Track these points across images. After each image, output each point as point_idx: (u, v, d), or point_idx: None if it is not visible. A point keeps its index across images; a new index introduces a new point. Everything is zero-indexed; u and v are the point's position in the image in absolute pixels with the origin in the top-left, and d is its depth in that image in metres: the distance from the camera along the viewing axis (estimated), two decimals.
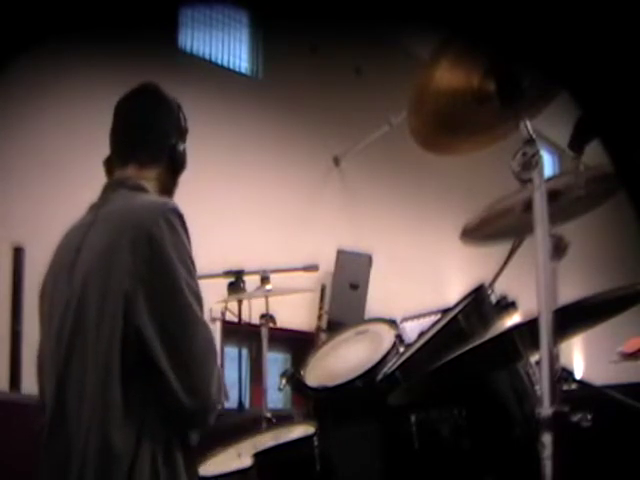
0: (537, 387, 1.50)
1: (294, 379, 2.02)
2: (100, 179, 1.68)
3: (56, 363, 1.46)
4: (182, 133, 1.69)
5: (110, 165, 1.66)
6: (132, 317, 1.39)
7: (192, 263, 1.47)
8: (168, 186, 1.67)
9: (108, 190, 1.60)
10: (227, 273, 3.39)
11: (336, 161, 6.33)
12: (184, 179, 1.76)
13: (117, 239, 1.44)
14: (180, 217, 1.47)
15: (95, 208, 1.58)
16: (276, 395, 4.10)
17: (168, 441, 1.42)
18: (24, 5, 1.11)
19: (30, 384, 1.70)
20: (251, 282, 3.47)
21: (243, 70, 6.05)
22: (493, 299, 1.72)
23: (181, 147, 1.67)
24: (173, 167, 1.67)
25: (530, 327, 1.30)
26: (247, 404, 3.77)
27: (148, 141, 1.64)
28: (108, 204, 1.56)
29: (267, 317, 3.35)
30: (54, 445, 1.43)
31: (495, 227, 1.89)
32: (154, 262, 1.41)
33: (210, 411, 1.44)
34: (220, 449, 2.25)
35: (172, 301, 1.42)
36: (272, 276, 3.37)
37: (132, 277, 1.40)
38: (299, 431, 2.09)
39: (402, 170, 6.50)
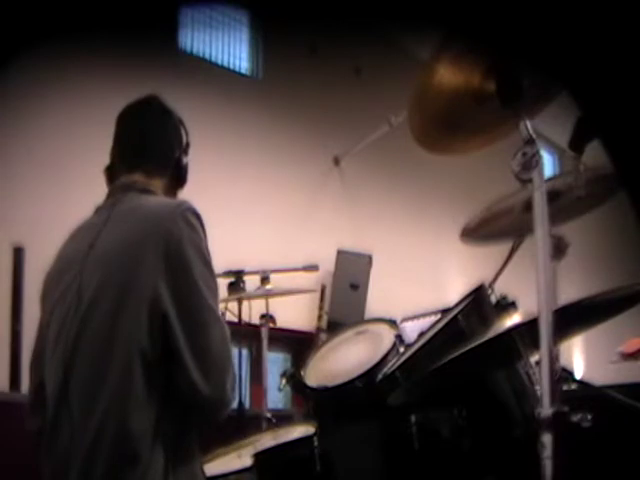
0: (537, 387, 1.50)
1: (294, 379, 2.02)
2: (100, 180, 1.68)
3: (61, 354, 1.46)
4: (185, 148, 1.71)
5: (111, 173, 1.67)
6: (158, 305, 1.41)
7: (210, 259, 1.50)
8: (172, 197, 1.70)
9: (117, 192, 1.61)
10: (227, 273, 3.39)
11: (336, 161, 6.32)
12: None
13: (138, 236, 1.47)
14: (197, 216, 1.51)
15: (107, 208, 1.59)
16: (276, 395, 4.11)
17: (185, 435, 1.45)
18: (24, 5, 1.11)
19: None
20: (251, 282, 3.47)
21: (243, 70, 6.05)
22: (493, 299, 1.72)
23: (184, 161, 1.70)
24: (176, 180, 1.70)
25: (530, 327, 1.30)
26: (247, 404, 3.77)
27: (155, 151, 1.66)
28: (121, 204, 1.57)
29: (267, 317, 3.36)
30: (58, 437, 1.43)
31: (495, 227, 1.89)
32: (175, 259, 1.44)
33: (225, 403, 1.46)
34: (220, 449, 2.24)
35: (191, 296, 1.44)
36: (272, 276, 3.37)
37: (155, 272, 1.42)
38: (299, 431, 2.09)
39: (402, 170, 6.50)
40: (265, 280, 3.36)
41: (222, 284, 3.42)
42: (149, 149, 1.66)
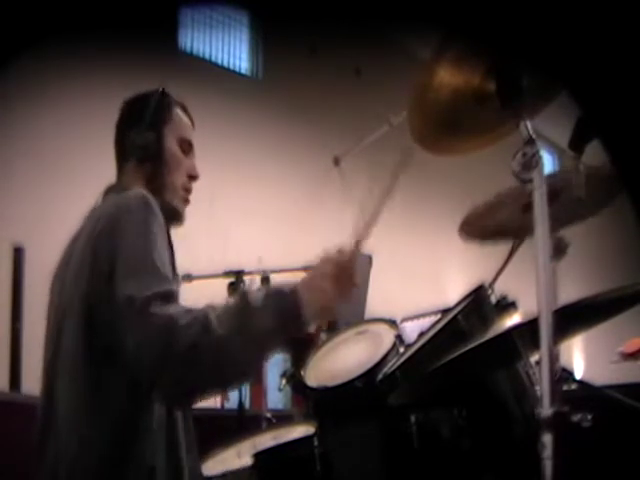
0: (537, 387, 1.50)
1: (294, 379, 2.02)
2: (100, 179, 1.69)
3: (45, 368, 1.49)
4: (153, 120, 1.65)
5: None
6: (86, 299, 1.38)
7: (152, 243, 1.38)
8: (153, 175, 1.65)
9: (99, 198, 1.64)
10: (227, 273, 3.39)
11: (336, 161, 6.33)
12: None
13: (86, 243, 1.45)
14: (145, 200, 1.44)
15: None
16: (276, 395, 4.10)
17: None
18: (24, 5, 1.11)
19: (30, 384, 1.71)
20: (251, 282, 3.47)
21: (243, 70, 6.05)
22: (493, 299, 1.71)
23: (144, 136, 1.63)
24: (142, 157, 1.64)
25: (530, 327, 1.29)
26: (247, 404, 3.77)
27: (123, 144, 1.67)
28: (94, 209, 1.59)
29: None
30: (44, 449, 1.44)
31: (495, 220, 1.88)
32: (103, 245, 1.38)
33: (146, 354, 1.27)
34: (220, 449, 2.24)
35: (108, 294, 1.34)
36: (272, 276, 3.37)
37: (85, 262, 1.40)
38: (299, 431, 2.09)
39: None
40: (265, 280, 3.36)
41: (222, 284, 3.42)
42: (118, 147, 1.68)
